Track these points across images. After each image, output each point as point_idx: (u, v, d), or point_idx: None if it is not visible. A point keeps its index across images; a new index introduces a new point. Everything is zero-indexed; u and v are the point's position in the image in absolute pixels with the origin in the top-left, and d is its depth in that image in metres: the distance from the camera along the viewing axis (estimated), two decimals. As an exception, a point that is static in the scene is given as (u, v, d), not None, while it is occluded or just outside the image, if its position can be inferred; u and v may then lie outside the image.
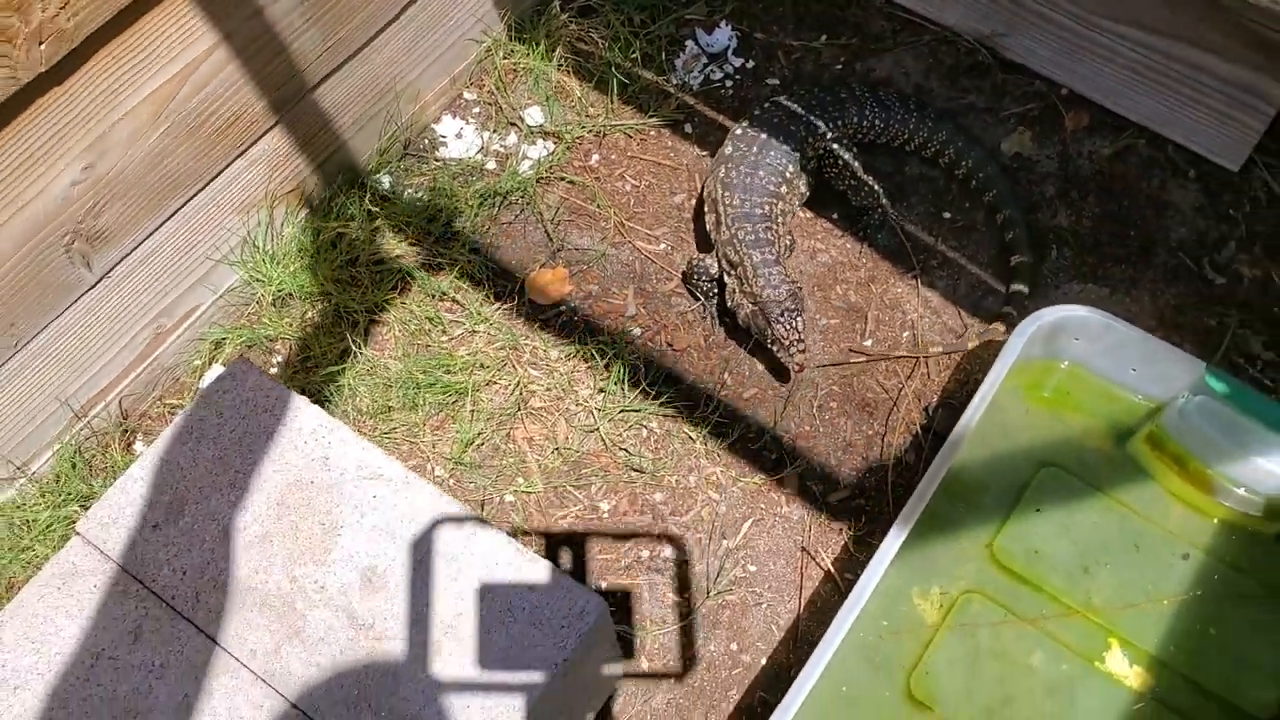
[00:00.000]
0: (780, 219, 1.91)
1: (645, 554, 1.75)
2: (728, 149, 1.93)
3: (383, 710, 1.35)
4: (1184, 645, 1.70)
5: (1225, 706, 1.66)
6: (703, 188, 1.96)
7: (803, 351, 1.81)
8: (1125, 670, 1.68)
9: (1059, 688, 1.67)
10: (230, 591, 1.43)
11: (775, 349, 1.83)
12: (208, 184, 1.72)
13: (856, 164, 1.95)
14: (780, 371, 1.89)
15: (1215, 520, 1.79)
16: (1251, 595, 1.73)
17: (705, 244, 1.95)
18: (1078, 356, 1.83)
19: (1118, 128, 2.15)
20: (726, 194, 1.87)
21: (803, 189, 1.98)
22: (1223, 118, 2.03)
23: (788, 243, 1.96)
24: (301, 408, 1.56)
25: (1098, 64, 2.09)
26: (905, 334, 1.96)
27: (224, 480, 1.51)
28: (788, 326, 1.80)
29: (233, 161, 1.75)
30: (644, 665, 1.68)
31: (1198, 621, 1.71)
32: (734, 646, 1.70)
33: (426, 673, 1.37)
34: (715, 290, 1.93)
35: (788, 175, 1.93)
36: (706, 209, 1.93)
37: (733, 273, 1.86)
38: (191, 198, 1.70)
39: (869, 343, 1.95)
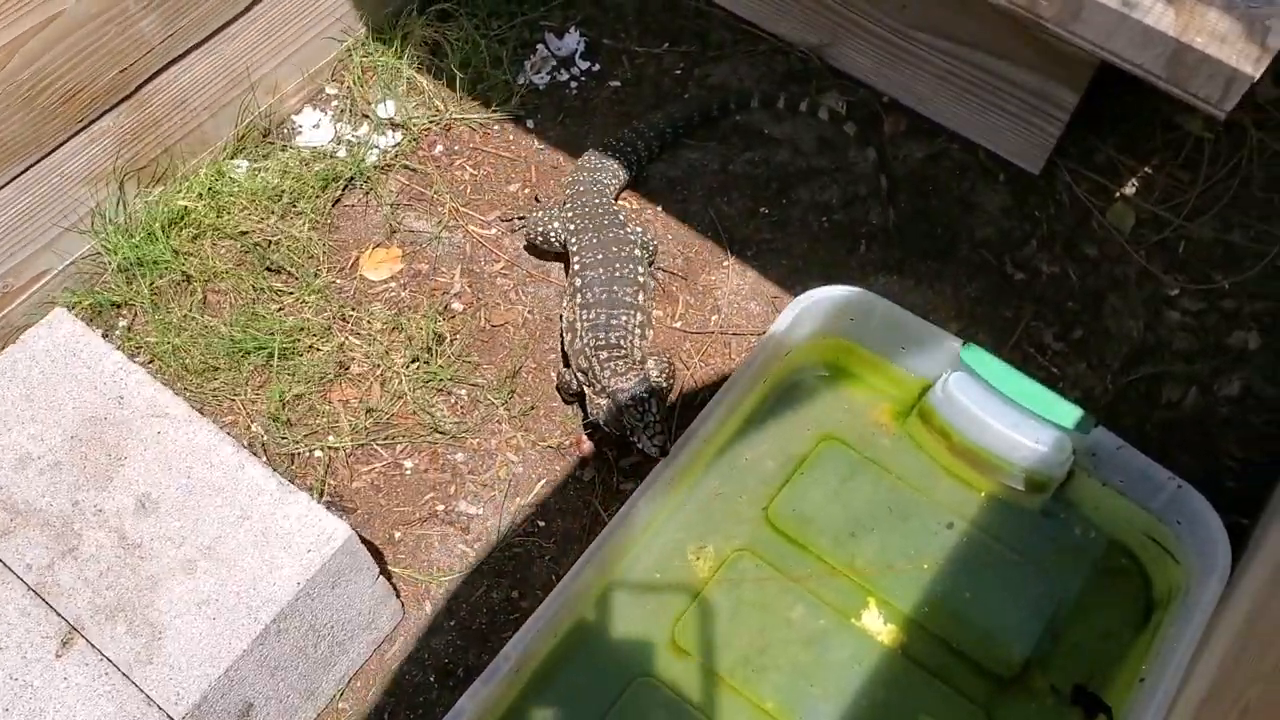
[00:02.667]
0: (637, 323, 1.93)
1: (441, 508, 1.87)
2: (576, 274, 1.95)
3: (137, 620, 1.47)
4: (938, 607, 1.80)
5: (972, 665, 1.76)
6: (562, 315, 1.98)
7: (660, 433, 1.77)
8: (879, 627, 1.79)
9: (814, 640, 1.78)
10: (16, 512, 1.56)
11: (634, 439, 1.79)
12: (48, 154, 1.87)
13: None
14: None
15: (982, 493, 1.90)
16: (1009, 563, 1.84)
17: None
18: (854, 335, 1.96)
19: (933, 133, 2.28)
20: (585, 313, 1.90)
21: (650, 290, 2.02)
22: (1021, 122, 2.16)
23: (647, 339, 1.96)
24: (105, 353, 1.70)
25: (912, 72, 2.24)
26: (714, 317, 2.08)
27: (26, 414, 1.64)
28: (640, 411, 1.77)
29: (74, 135, 1.89)
30: (427, 609, 1.79)
31: (954, 586, 1.82)
32: (515, 594, 1.81)
33: (182, 587, 1.50)
34: (578, 403, 1.94)
35: (640, 278, 1.96)
36: (565, 329, 1.94)
37: (585, 379, 1.86)
38: (30, 166, 1.85)
39: (678, 324, 2.08)
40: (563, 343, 1.95)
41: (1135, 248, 2.17)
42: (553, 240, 2.02)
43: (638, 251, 1.97)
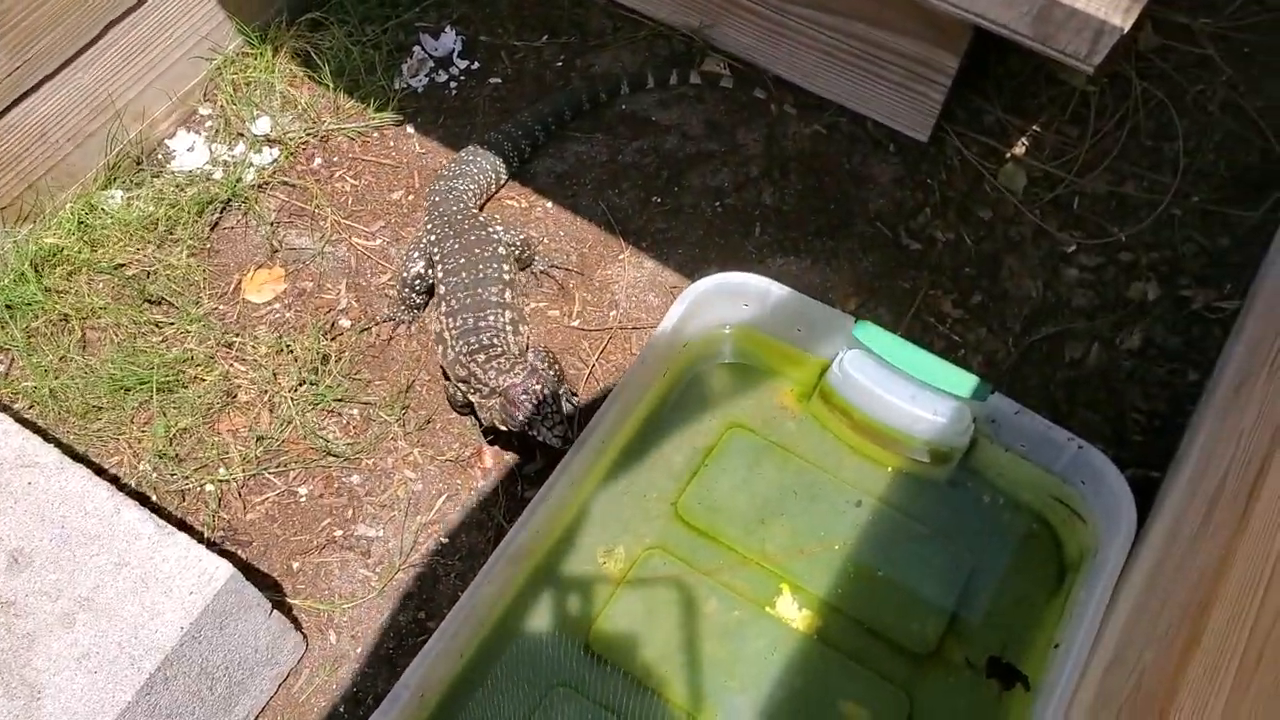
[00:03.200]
0: (508, 321, 1.88)
1: (339, 533, 1.82)
2: (440, 283, 1.91)
3: (13, 681, 1.41)
4: (851, 588, 1.78)
5: (888, 644, 1.74)
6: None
7: (559, 423, 1.74)
8: (794, 614, 1.76)
9: (730, 633, 1.75)
10: (-123, 580, 1.49)
11: (534, 433, 1.74)
12: (-101, 198, 1.79)
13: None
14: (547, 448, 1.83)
15: (888, 469, 1.88)
16: (920, 537, 1.82)
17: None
18: (749, 320, 1.93)
19: (819, 107, 2.25)
20: (451, 320, 1.85)
21: (518, 287, 1.98)
22: (905, 91, 2.14)
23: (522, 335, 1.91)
24: (-33, 405, 1.62)
25: (793, 48, 2.20)
26: (612, 312, 2.04)
27: (-114, 477, 1.57)
28: (534, 404, 1.73)
29: (-75, 178, 1.82)
30: (332, 638, 1.74)
31: (866, 565, 1.80)
32: (421, 615, 1.77)
33: (60, 643, 1.44)
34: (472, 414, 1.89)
35: (506, 275, 1.92)
36: (435, 342, 1.89)
37: (469, 387, 1.81)
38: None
39: (576, 323, 2.04)
40: (438, 357, 1.89)
41: (1029, 207, 2.15)
42: (427, 275, 1.95)
43: (501, 250, 1.92)
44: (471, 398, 1.80)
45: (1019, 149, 2.21)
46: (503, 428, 1.78)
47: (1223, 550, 1.11)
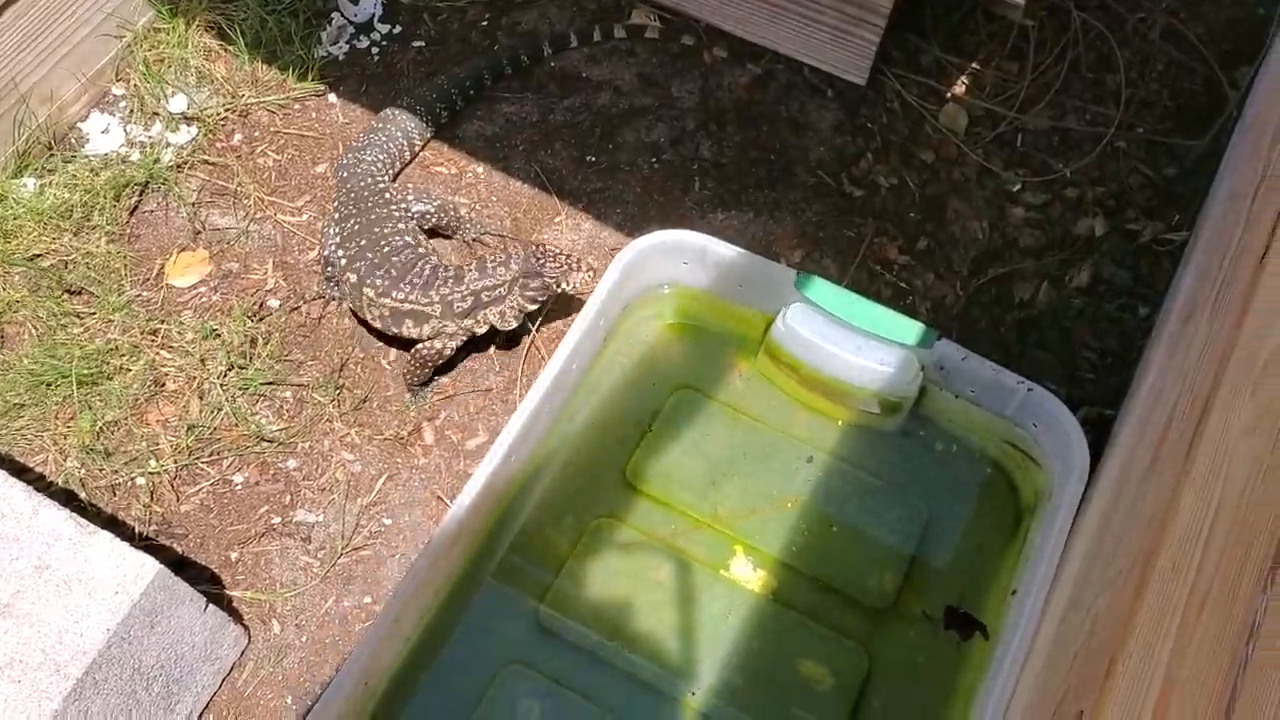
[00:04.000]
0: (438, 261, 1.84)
1: (278, 520, 1.76)
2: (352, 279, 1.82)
3: (-65, 696, 1.35)
4: (806, 545, 1.74)
5: (845, 600, 1.71)
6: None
7: (575, 269, 1.74)
8: (749, 575, 1.73)
9: (685, 599, 1.71)
10: None
11: (566, 286, 1.75)
12: None
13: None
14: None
15: (839, 423, 1.84)
16: (874, 489, 1.79)
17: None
18: (690, 280, 1.87)
19: (754, 55, 2.19)
20: (389, 297, 1.78)
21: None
22: (840, 34, 2.08)
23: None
24: (-127, 411, 1.55)
25: (725, -6, 2.14)
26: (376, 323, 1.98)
27: None
28: (551, 259, 1.73)
29: None
30: (275, 629, 1.69)
31: (820, 521, 1.76)
32: (367, 599, 1.72)
33: (-19, 655, 1.38)
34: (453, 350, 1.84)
35: (420, 248, 1.85)
36: (385, 320, 1.82)
37: (460, 328, 1.79)
38: None
39: (514, 290, 1.97)
40: (384, 332, 1.83)
41: (972, 147, 2.11)
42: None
43: (403, 225, 1.85)
44: (476, 331, 1.78)
45: (959, 88, 2.16)
46: (533, 307, 1.78)
47: (1169, 493, 1.07)
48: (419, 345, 1.79)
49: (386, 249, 1.80)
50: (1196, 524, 0.94)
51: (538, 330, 1.92)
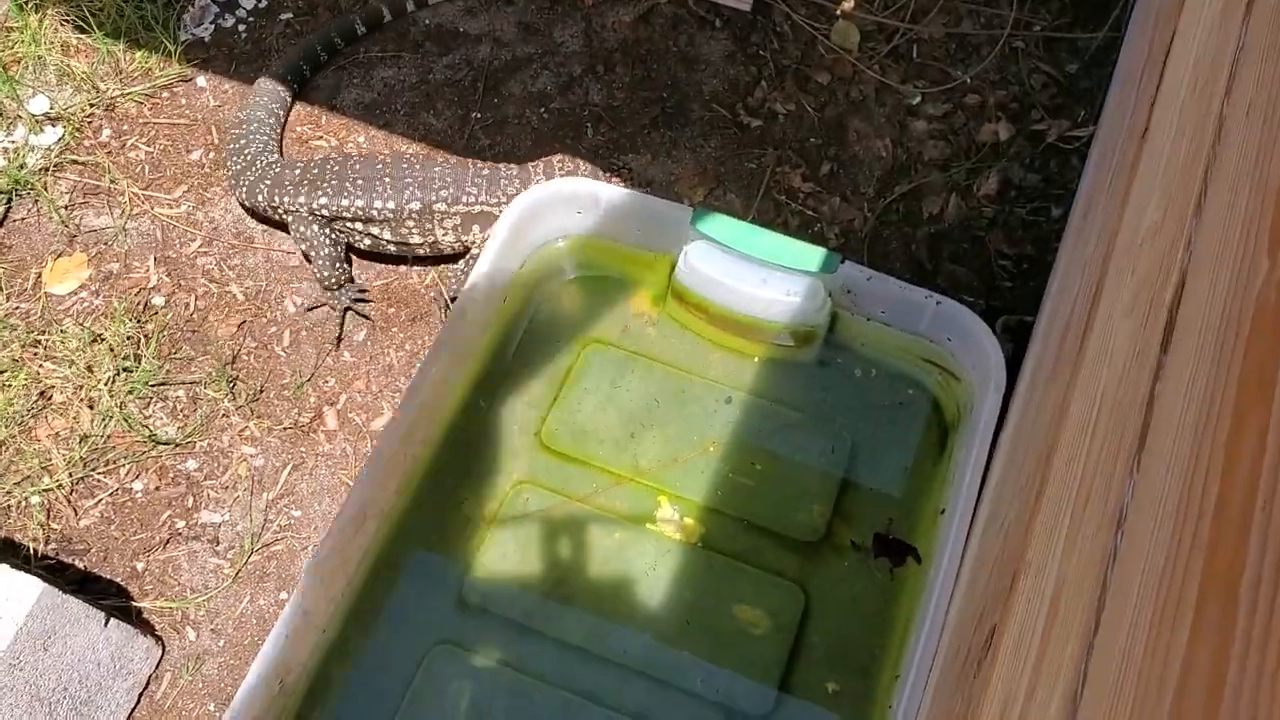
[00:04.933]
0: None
1: (182, 525, 1.69)
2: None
3: None
4: (732, 488, 1.69)
5: (776, 538, 1.66)
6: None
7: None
8: (675, 525, 1.68)
9: (612, 556, 1.66)
10: None
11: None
12: None
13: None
14: None
15: (755, 359, 1.78)
16: (796, 423, 1.73)
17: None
18: (587, 229, 1.81)
19: (636, -8, 2.12)
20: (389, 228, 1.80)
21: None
22: (719, -40, 2.00)
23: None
24: None
25: (597, -68, 2.05)
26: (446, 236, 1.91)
27: None
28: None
29: None
30: (190, 636, 1.62)
31: (743, 461, 1.71)
32: (283, 596, 1.66)
33: None
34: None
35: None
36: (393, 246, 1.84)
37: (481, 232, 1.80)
38: None
39: (413, 265, 1.90)
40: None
41: (867, 64, 2.05)
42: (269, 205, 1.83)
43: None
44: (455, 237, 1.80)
45: (848, 4, 2.09)
46: None
47: (1064, 390, 1.02)
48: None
49: (397, 169, 1.77)
50: (1085, 416, 0.90)
51: (434, 296, 1.85)
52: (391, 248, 1.81)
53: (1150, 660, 0.54)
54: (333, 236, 1.78)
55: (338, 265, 1.79)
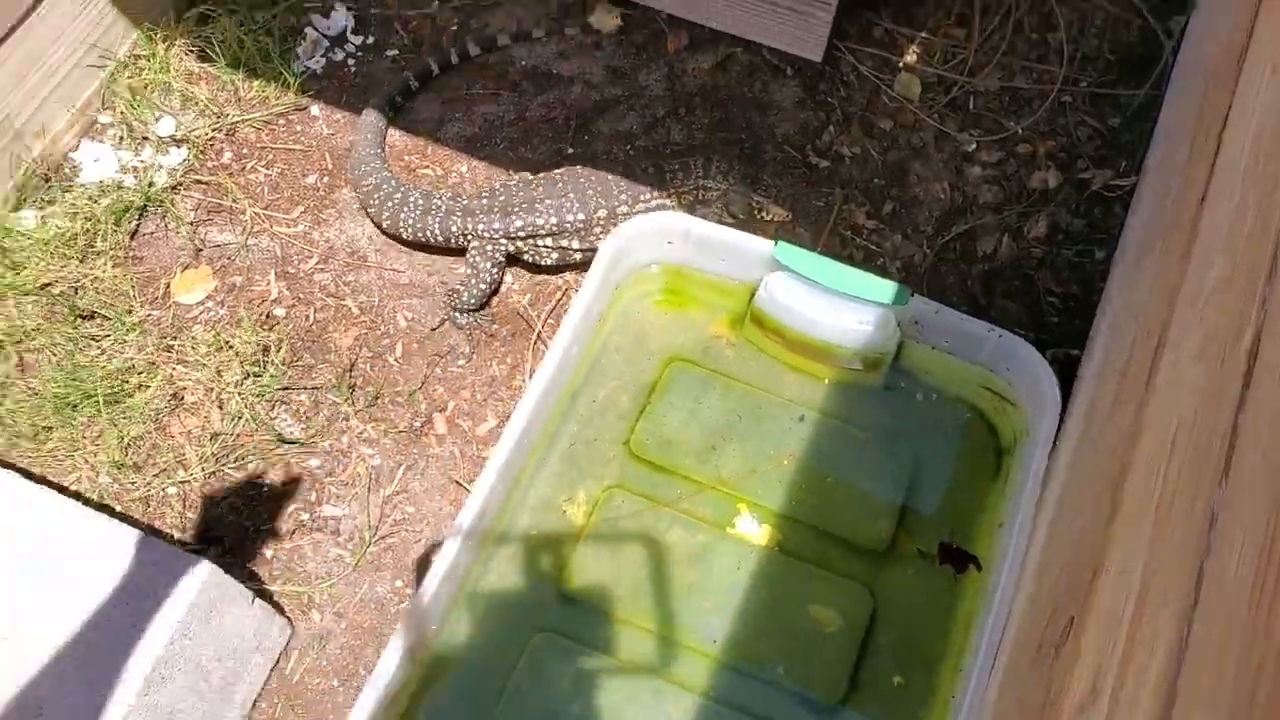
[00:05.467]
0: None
1: (306, 517, 1.86)
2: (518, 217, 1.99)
3: (17, 699, 1.45)
4: (805, 499, 1.86)
5: (846, 546, 1.83)
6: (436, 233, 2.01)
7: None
8: (754, 530, 1.85)
9: (696, 557, 1.83)
10: None
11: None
12: None
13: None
14: None
15: (825, 381, 1.96)
16: (862, 442, 1.91)
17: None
18: (675, 258, 1.98)
19: (715, 41, 2.30)
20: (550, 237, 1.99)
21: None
22: (794, 14, 2.19)
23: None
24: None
25: (682, -15, 2.24)
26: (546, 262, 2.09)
27: None
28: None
29: None
30: (315, 618, 1.79)
31: (815, 475, 1.88)
32: (399, 583, 1.82)
33: (54, 663, 1.47)
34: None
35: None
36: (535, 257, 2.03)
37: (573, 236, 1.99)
38: None
39: (516, 285, 2.08)
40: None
41: (927, 112, 2.23)
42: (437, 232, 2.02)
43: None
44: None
45: (911, 57, 2.28)
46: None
47: (1133, 416, 1.20)
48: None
49: (575, 183, 1.99)
50: (1160, 439, 1.07)
51: (541, 318, 2.03)
52: (578, 256, 2.01)
53: (1247, 631, 0.71)
54: (501, 265, 1.99)
55: (491, 292, 1.99)
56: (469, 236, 1.97)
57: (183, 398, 1.95)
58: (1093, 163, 2.18)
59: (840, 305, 1.87)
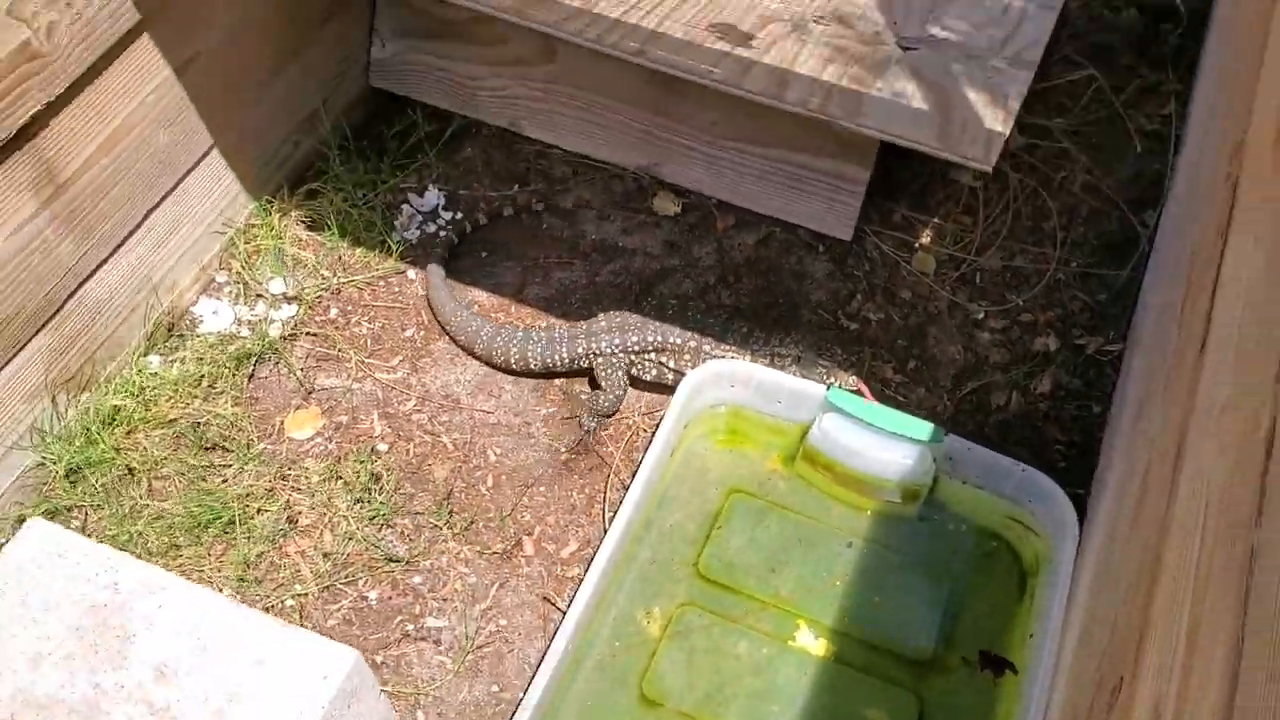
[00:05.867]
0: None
1: (411, 628, 2.08)
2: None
3: (182, 775, 1.63)
4: (856, 615, 2.11)
5: (894, 657, 2.07)
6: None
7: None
8: (812, 644, 2.08)
9: (762, 668, 2.05)
10: (40, 706, 1.69)
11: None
12: (-12, 381, 2.03)
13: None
14: None
15: (868, 512, 2.23)
16: (903, 565, 2.17)
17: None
18: (738, 400, 2.28)
19: (758, 222, 2.66)
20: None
21: None
22: (828, 201, 2.56)
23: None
24: (87, 549, 1.85)
25: (732, 175, 2.62)
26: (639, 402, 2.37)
27: (26, 618, 1.78)
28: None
29: (8, 362, 2.06)
30: (420, 717, 1.99)
31: (864, 594, 2.13)
32: (495, 688, 2.03)
33: (216, 739, 1.66)
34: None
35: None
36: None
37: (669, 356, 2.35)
38: (-27, 395, 2.01)
39: (595, 424, 2.36)
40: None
41: (941, 285, 2.58)
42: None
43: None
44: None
45: (925, 239, 2.65)
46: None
47: (1157, 527, 1.49)
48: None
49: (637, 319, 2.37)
50: (1185, 551, 1.35)
51: (620, 455, 2.30)
52: (670, 376, 2.33)
53: None
54: (625, 377, 2.35)
55: (619, 400, 2.34)
56: (595, 355, 2.30)
57: (297, 521, 2.18)
58: (1086, 331, 2.53)
59: (884, 443, 2.16)
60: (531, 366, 2.34)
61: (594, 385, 2.37)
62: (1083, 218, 2.68)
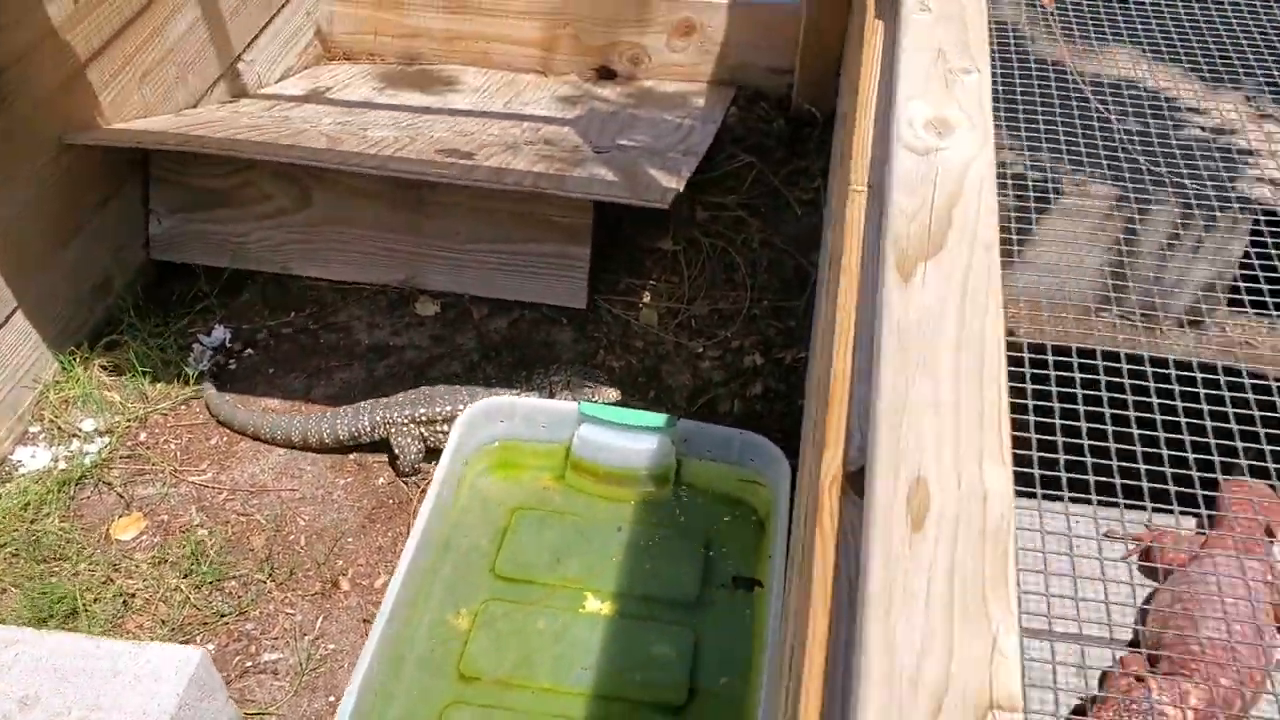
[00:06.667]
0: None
1: (250, 664, 2.35)
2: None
3: (55, 773, 1.86)
4: (632, 580, 2.51)
5: (668, 604, 2.47)
6: None
7: None
8: (598, 608, 2.47)
9: (560, 635, 2.41)
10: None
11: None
12: None
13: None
14: None
15: (632, 502, 2.67)
16: (665, 538, 2.60)
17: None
18: (507, 434, 2.72)
19: (508, 307, 3.17)
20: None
21: None
22: (561, 279, 3.10)
23: None
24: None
25: (479, 272, 3.13)
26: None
27: (-110, 690, 1.99)
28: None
29: None
30: (269, 733, 2.25)
31: (637, 564, 2.54)
32: (331, 699, 2.31)
33: (83, 740, 1.91)
34: None
35: None
36: None
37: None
38: None
39: (381, 481, 2.73)
40: None
41: (665, 331, 3.13)
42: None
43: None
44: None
45: (647, 298, 3.21)
46: None
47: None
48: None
49: (453, 391, 2.81)
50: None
51: (415, 499, 2.68)
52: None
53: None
54: (419, 441, 2.71)
55: (418, 460, 2.72)
56: (389, 424, 2.67)
57: (132, 603, 2.45)
58: (781, 347, 3.12)
59: (631, 437, 2.63)
60: (340, 438, 2.72)
61: (390, 454, 2.75)
62: (764, 265, 3.32)
